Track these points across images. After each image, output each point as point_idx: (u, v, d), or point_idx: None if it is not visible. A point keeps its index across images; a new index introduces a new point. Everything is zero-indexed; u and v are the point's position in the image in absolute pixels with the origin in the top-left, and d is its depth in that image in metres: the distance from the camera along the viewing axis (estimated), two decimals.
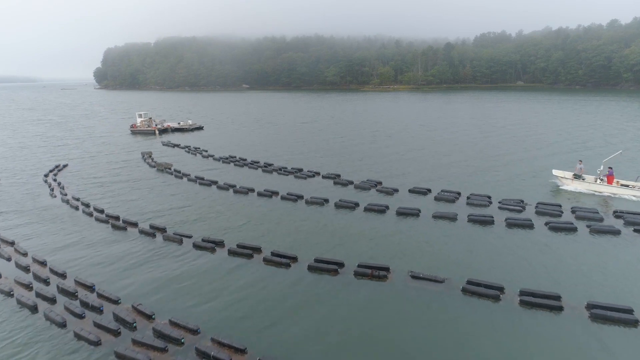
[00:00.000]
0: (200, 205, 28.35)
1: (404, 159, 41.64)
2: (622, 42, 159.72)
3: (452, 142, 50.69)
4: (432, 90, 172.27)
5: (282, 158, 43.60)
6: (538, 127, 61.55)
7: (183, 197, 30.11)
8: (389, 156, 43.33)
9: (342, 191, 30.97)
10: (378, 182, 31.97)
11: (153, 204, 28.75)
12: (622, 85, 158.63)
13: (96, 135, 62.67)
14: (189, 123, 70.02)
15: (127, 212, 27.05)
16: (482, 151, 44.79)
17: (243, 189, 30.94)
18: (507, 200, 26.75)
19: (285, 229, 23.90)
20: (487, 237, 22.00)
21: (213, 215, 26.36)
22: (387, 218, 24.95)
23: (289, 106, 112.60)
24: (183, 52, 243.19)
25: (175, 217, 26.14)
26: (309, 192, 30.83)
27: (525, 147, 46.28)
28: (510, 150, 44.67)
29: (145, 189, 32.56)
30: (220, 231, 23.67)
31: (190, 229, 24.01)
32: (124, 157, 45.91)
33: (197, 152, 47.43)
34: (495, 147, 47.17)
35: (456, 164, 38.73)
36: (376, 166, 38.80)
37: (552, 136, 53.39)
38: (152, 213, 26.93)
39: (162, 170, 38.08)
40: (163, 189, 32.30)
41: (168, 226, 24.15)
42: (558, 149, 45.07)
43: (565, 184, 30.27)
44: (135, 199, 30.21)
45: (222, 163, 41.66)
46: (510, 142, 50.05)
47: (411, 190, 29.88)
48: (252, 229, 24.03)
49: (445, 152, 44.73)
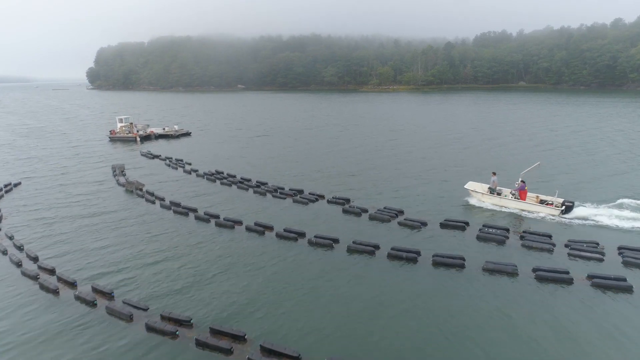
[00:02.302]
0: (167, 255, 20.53)
1: (429, 178, 35.00)
2: (628, 42, 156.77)
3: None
4: (433, 91, 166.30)
5: (279, 172, 37.13)
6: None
7: (147, 239, 22.59)
8: (407, 174, 36.85)
9: (354, 223, 24.50)
10: (399, 211, 25.44)
11: (103, 255, 20.79)
12: (628, 86, 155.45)
13: (70, 144, 55.75)
14: (174, 129, 63.17)
15: (69, 266, 19.59)
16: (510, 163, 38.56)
17: (228, 221, 24.29)
18: (578, 243, 20.44)
19: (284, 305, 16.04)
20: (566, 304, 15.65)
21: (182, 275, 18.54)
22: (421, 270, 18.51)
23: (287, 108, 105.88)
24: (177, 52, 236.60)
25: (124, 276, 18.51)
26: (312, 221, 24.46)
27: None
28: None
29: (100, 227, 24.39)
30: (188, 306, 16.11)
31: (141, 296, 17.00)
32: (91, 172, 39.06)
33: (179, 165, 40.76)
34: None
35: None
36: (392, 184, 32.35)
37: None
38: (100, 268, 19.32)
39: (132, 191, 31.41)
40: (123, 228, 24.28)
41: (116, 290, 17.20)
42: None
43: (476, 198, 27.74)
44: (78, 249, 21.49)
45: (207, 180, 35.01)
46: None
47: (444, 223, 23.43)
48: (231, 303, 16.18)
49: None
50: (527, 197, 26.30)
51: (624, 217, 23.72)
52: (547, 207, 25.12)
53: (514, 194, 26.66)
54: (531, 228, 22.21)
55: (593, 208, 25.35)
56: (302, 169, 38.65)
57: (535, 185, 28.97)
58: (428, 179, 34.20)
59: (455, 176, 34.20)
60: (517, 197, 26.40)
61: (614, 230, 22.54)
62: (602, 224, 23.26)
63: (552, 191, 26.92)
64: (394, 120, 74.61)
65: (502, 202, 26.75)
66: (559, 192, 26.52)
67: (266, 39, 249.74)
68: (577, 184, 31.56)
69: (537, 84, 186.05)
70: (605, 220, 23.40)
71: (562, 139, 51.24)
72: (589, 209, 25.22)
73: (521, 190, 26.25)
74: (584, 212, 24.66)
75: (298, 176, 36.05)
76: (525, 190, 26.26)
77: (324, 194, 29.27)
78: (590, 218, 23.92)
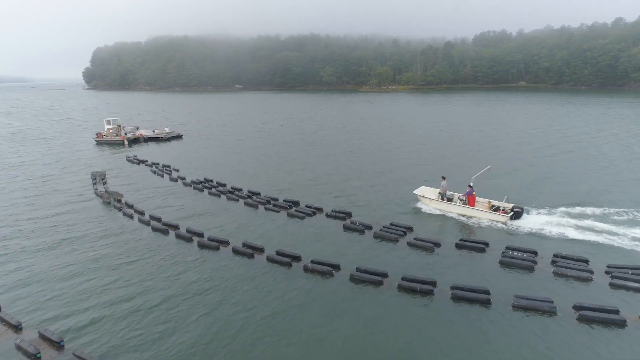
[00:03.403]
0: (136, 290, 16.98)
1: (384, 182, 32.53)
2: (630, 41, 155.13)
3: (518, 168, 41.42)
4: (432, 91, 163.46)
5: (273, 179, 34.12)
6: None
7: (115, 267, 19.15)
8: (410, 181, 33.89)
9: (357, 243, 21.50)
10: (407, 228, 22.45)
11: (62, 290, 17.29)
12: (629, 86, 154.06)
13: (53, 150, 52.47)
14: (165, 131, 60.01)
15: (19, 305, 16.36)
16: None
17: (213, 242, 21.21)
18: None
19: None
20: None
21: (153, 321, 14.98)
22: (439, 306, 15.49)
23: (284, 110, 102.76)
24: (174, 52, 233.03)
25: (80, 319, 15.07)
26: (308, 240, 21.46)
27: None
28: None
29: (64, 251, 20.86)
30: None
31: (96, 347, 13.74)
32: (71, 181, 35.85)
33: (166, 171, 37.62)
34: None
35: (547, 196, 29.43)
36: (396, 194, 29.38)
37: None
38: (54, 309, 15.93)
39: (109, 203, 28.31)
40: (90, 252, 20.82)
41: (67, 337, 14.08)
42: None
43: (425, 204, 26.53)
44: (34, 281, 17.96)
45: (194, 189, 31.91)
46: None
47: (460, 244, 20.43)
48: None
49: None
50: (476, 202, 24.98)
51: (574, 225, 22.51)
52: (494, 214, 23.77)
53: (461, 199, 25.27)
54: (563, 252, 19.20)
55: (544, 214, 24.32)
56: (299, 176, 35.66)
57: (504, 190, 27.34)
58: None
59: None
60: (465, 203, 24.99)
61: (554, 240, 20.98)
62: (546, 232, 21.86)
63: (518, 197, 25.86)
64: (393, 120, 71.71)
65: (449, 208, 25.37)
66: (508, 196, 25.04)
67: (264, 38, 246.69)
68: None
69: (537, 84, 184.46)
70: (551, 229, 22.17)
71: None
72: (539, 215, 24.30)
73: (469, 195, 24.87)
74: (534, 219, 23.66)
75: (294, 184, 33.03)
76: (474, 195, 24.85)
77: (322, 206, 26.25)
78: (538, 225, 22.68)
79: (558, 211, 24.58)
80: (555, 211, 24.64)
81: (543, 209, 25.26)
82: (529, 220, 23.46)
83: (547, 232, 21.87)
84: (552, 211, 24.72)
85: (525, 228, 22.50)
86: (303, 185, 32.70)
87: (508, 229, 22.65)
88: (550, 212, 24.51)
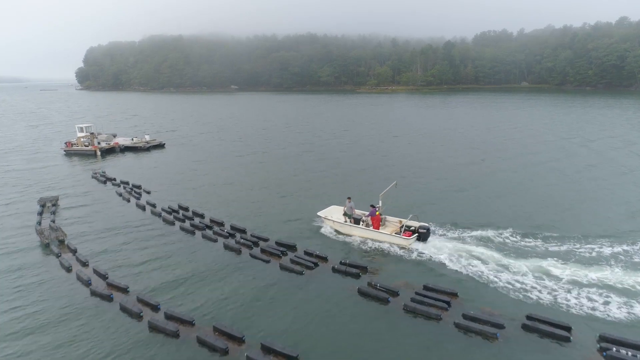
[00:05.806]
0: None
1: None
2: (636, 41, 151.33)
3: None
4: (433, 92, 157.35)
5: (266, 208, 27.58)
6: None
7: None
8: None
9: (380, 322, 14.97)
10: (452, 294, 15.97)
11: None
12: (636, 86, 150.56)
13: (15, 161, 45.75)
14: (145, 139, 53.32)
15: None
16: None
17: (171, 319, 14.69)
18: None
19: None
20: None
21: None
22: None
23: (281, 113, 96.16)
24: (168, 51, 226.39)
25: None
26: (305, 320, 14.96)
27: None
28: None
29: None
30: None
31: None
32: (16, 209, 29.11)
33: (134, 194, 31.00)
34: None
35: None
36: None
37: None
38: None
39: (48, 246, 21.70)
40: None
41: None
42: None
43: (329, 226, 23.45)
44: None
45: (163, 221, 25.31)
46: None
47: (528, 325, 13.95)
48: None
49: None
50: (381, 223, 22.05)
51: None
52: (395, 237, 20.87)
53: (364, 220, 22.16)
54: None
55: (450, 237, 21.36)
56: (299, 202, 29.04)
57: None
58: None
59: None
60: (369, 225, 21.85)
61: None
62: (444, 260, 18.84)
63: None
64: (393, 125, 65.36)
65: (351, 231, 22.29)
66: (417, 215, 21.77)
67: (260, 38, 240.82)
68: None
69: (540, 84, 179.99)
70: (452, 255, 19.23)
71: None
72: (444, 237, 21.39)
73: (372, 216, 21.73)
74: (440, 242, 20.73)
75: (293, 214, 26.38)
76: (377, 215, 21.76)
77: (327, 255, 19.76)
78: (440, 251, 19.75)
79: (466, 233, 21.62)
80: (464, 233, 21.68)
81: (451, 229, 22.41)
82: (435, 243, 20.65)
83: (447, 260, 18.97)
84: (460, 233, 21.74)
85: (426, 254, 19.67)
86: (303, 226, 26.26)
87: (411, 256, 19.69)
88: (459, 235, 21.50)
